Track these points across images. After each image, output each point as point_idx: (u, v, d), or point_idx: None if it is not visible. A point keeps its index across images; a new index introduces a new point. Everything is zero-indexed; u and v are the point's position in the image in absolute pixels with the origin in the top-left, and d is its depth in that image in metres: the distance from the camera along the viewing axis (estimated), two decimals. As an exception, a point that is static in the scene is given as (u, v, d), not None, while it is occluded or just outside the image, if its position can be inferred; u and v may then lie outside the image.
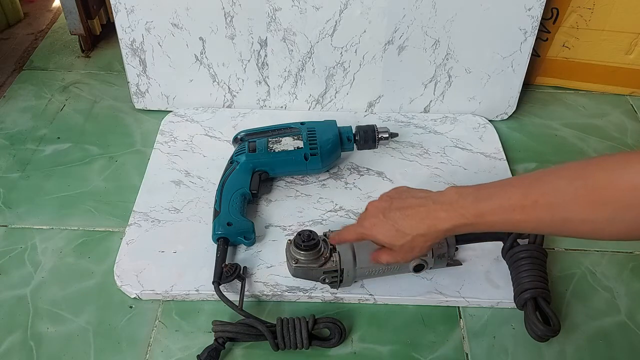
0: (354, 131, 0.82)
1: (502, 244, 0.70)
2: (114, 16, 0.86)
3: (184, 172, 0.83)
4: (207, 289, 0.67)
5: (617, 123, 0.95)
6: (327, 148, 0.79)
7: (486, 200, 0.52)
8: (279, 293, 0.68)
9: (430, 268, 0.68)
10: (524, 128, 0.94)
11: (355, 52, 0.88)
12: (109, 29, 1.12)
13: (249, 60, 0.90)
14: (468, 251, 0.72)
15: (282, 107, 0.95)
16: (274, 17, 0.85)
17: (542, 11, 0.84)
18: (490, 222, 0.52)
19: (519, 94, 0.93)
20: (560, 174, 0.48)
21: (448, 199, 0.55)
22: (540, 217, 0.49)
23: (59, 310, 0.67)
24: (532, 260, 0.66)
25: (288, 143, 0.79)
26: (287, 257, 0.66)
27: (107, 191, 0.81)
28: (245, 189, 0.75)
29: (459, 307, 0.68)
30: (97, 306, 0.68)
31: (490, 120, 0.93)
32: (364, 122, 0.84)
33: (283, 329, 0.62)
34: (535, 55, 0.96)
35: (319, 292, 0.68)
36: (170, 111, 0.93)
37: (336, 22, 0.85)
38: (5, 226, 0.77)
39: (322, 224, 0.76)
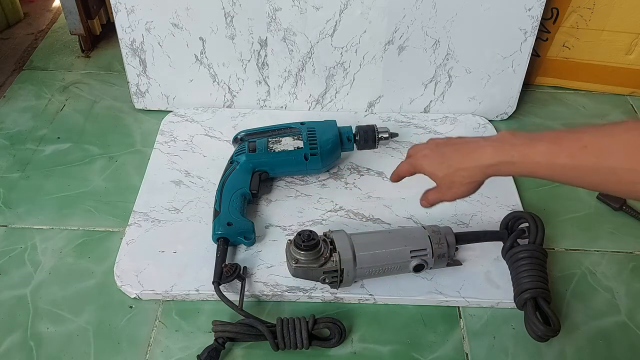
0: (354, 131, 0.82)
1: (502, 244, 0.71)
2: (114, 16, 0.86)
3: (184, 172, 0.83)
4: (207, 289, 0.67)
5: (617, 123, 0.95)
6: (327, 148, 0.79)
7: (538, 142, 0.51)
8: (279, 293, 0.68)
9: (430, 268, 0.68)
10: (524, 128, 0.94)
11: (356, 52, 0.88)
12: (109, 29, 1.12)
13: (249, 60, 0.90)
14: (468, 251, 0.72)
15: (282, 107, 0.95)
16: (274, 17, 0.85)
17: (542, 11, 0.84)
18: (534, 164, 0.51)
19: (519, 94, 0.93)
20: (615, 125, 0.48)
21: (501, 137, 0.55)
22: (586, 163, 0.48)
23: (59, 310, 0.67)
24: (532, 261, 0.66)
25: (288, 143, 0.79)
26: (287, 257, 0.66)
27: (107, 191, 0.81)
28: (245, 189, 0.75)
29: (459, 307, 0.68)
30: (97, 306, 0.68)
31: (490, 121, 0.94)
32: (364, 122, 0.84)
33: (283, 329, 0.62)
34: (535, 55, 0.96)
35: (319, 292, 0.68)
36: (170, 111, 0.93)
37: (336, 22, 0.85)
38: (5, 226, 0.77)
39: (322, 224, 0.76)
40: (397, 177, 0.67)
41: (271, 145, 0.78)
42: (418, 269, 0.66)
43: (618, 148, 0.46)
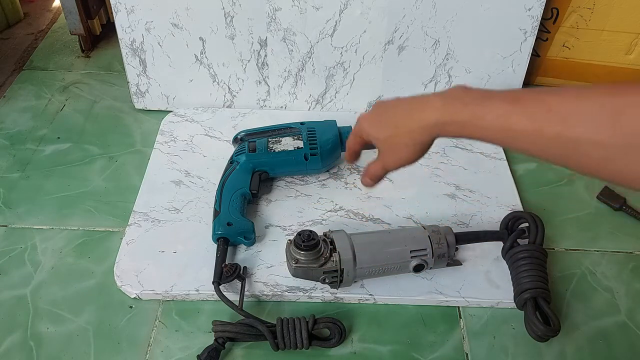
0: (354, 131, 0.82)
1: (502, 244, 0.71)
2: (114, 16, 0.86)
3: (184, 172, 0.83)
4: (207, 289, 0.67)
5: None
6: (327, 148, 0.79)
7: (493, 100, 0.44)
8: (279, 293, 0.68)
9: (430, 268, 0.68)
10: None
11: (355, 52, 0.88)
12: (109, 29, 1.12)
13: (249, 60, 0.90)
14: (468, 251, 0.72)
15: (282, 107, 0.95)
16: (274, 17, 0.85)
17: (542, 11, 0.84)
18: (485, 127, 0.44)
19: (519, 94, 0.93)
20: (588, 89, 0.40)
21: (452, 92, 0.48)
22: (548, 130, 0.40)
23: (59, 310, 0.67)
24: (532, 261, 0.66)
25: (288, 143, 0.79)
26: (287, 257, 0.66)
27: (107, 191, 0.81)
28: (245, 189, 0.75)
29: (459, 307, 0.68)
30: (97, 306, 0.68)
31: (490, 120, 0.93)
32: (364, 122, 0.84)
33: (283, 329, 0.62)
34: (535, 55, 0.96)
35: (319, 292, 0.68)
36: (170, 111, 0.93)
37: (336, 22, 0.85)
38: (5, 226, 0.77)
39: (322, 224, 0.76)
40: (349, 153, 0.61)
41: (271, 145, 0.78)
42: (418, 269, 0.66)
43: (588, 115, 0.38)
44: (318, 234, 0.65)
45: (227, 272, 0.66)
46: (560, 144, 0.40)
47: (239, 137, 0.82)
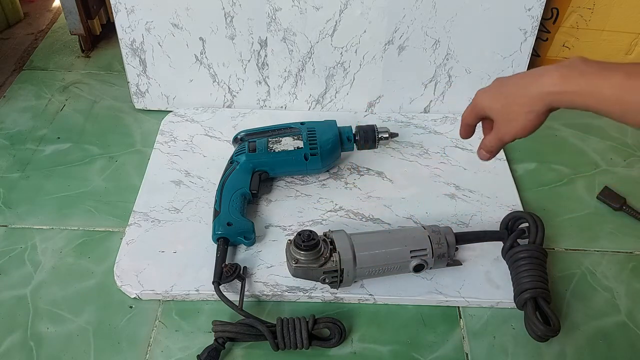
0: (354, 131, 0.82)
1: (502, 244, 0.71)
2: (114, 16, 0.86)
3: (184, 172, 0.83)
4: (207, 289, 0.67)
5: (617, 123, 0.95)
6: (327, 148, 0.79)
7: (612, 72, 0.45)
8: (279, 293, 0.68)
9: (430, 268, 0.68)
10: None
11: (355, 52, 0.88)
12: (109, 29, 1.12)
13: (249, 60, 0.90)
14: (468, 251, 0.72)
15: (282, 107, 0.95)
16: (274, 17, 0.85)
17: (542, 11, 0.84)
18: (603, 98, 0.46)
19: (519, 94, 0.93)
20: None
21: (571, 62, 0.49)
22: None
23: (59, 310, 0.67)
24: (532, 261, 0.66)
25: (288, 143, 0.79)
26: (287, 257, 0.66)
27: (107, 191, 0.81)
28: (245, 189, 0.75)
29: (459, 307, 0.68)
30: (97, 306, 0.68)
31: (490, 120, 0.93)
32: (364, 122, 0.84)
33: (283, 329, 0.62)
34: (535, 55, 0.96)
35: (319, 292, 0.68)
36: (170, 111, 0.93)
37: (336, 22, 0.85)
38: (5, 226, 0.77)
39: (322, 224, 0.76)
40: (464, 128, 0.61)
41: (271, 145, 0.78)
42: (418, 269, 0.66)
43: None
44: (318, 234, 0.65)
45: (227, 272, 0.66)
46: None
47: (239, 137, 0.82)
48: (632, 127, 0.46)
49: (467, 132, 0.62)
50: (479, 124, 0.62)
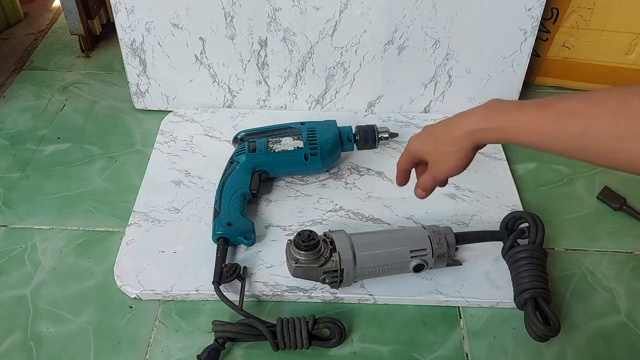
0: (354, 131, 0.82)
1: (502, 244, 0.71)
2: (114, 16, 0.86)
3: (184, 172, 0.83)
4: (207, 289, 0.67)
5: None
6: (327, 148, 0.79)
7: (526, 107, 0.51)
8: (279, 293, 0.68)
9: (430, 268, 0.68)
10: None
11: (355, 52, 0.88)
12: (109, 29, 1.12)
13: (249, 60, 0.90)
14: (468, 251, 0.72)
15: (282, 107, 0.95)
16: (274, 17, 0.85)
17: (542, 11, 0.84)
18: (521, 130, 0.51)
19: (519, 94, 0.93)
20: (605, 91, 0.47)
21: (489, 103, 0.55)
22: (573, 129, 0.46)
23: (59, 310, 0.67)
24: (532, 261, 0.66)
25: (288, 143, 0.79)
26: (287, 257, 0.66)
27: (107, 191, 0.81)
28: (245, 189, 0.75)
29: (459, 307, 0.68)
30: (97, 306, 0.68)
31: (490, 120, 0.93)
32: (364, 122, 0.84)
33: (283, 329, 0.62)
34: (535, 55, 0.96)
35: (319, 292, 0.68)
36: (170, 111, 0.93)
37: (336, 22, 0.85)
38: (5, 226, 0.77)
39: (322, 224, 0.76)
40: (400, 174, 0.66)
41: (271, 145, 0.78)
42: (418, 269, 0.66)
43: (606, 113, 0.45)
44: (318, 234, 0.65)
45: (227, 272, 0.66)
46: (584, 140, 0.46)
47: (239, 137, 0.82)
48: (554, 154, 0.50)
49: (403, 178, 0.67)
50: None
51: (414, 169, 0.66)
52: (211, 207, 0.75)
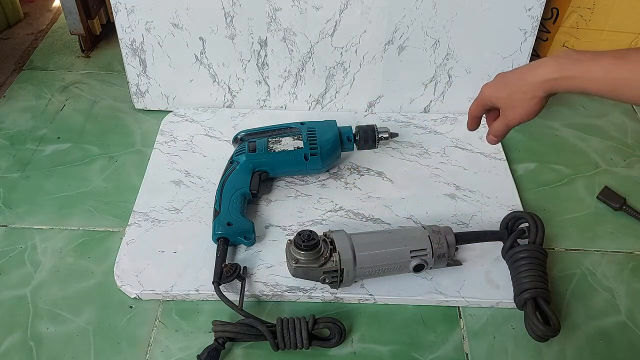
0: (354, 131, 0.82)
1: (502, 244, 0.71)
2: (114, 16, 0.86)
3: (184, 172, 0.83)
4: (207, 289, 0.67)
5: (618, 123, 0.95)
6: (327, 148, 0.79)
7: (602, 56, 0.53)
8: (279, 293, 0.68)
9: (430, 268, 0.68)
10: (524, 128, 0.94)
11: (355, 52, 0.88)
12: (109, 29, 1.12)
13: (249, 60, 0.90)
14: (468, 251, 0.72)
15: (282, 107, 0.95)
16: (274, 17, 0.85)
17: (542, 11, 0.84)
18: (596, 79, 0.53)
19: (519, 94, 0.93)
20: None
21: (565, 53, 0.57)
22: None
23: (59, 310, 0.67)
24: (532, 261, 0.66)
25: (288, 143, 0.79)
26: (287, 257, 0.66)
27: (107, 191, 0.81)
28: (245, 189, 0.75)
29: (459, 307, 0.68)
30: (97, 306, 0.68)
31: (490, 120, 0.93)
32: (364, 122, 0.84)
33: (283, 329, 0.62)
34: (535, 55, 0.96)
35: (319, 292, 0.68)
36: (170, 111, 0.93)
37: (336, 22, 0.85)
38: (5, 226, 0.77)
39: (322, 224, 0.76)
40: (472, 120, 0.69)
41: (271, 145, 0.78)
42: (418, 269, 0.66)
43: None
44: (318, 234, 0.65)
45: (227, 272, 0.66)
46: None
47: (239, 137, 0.82)
48: (621, 102, 0.54)
49: (474, 124, 0.70)
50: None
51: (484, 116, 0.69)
52: (211, 207, 0.75)
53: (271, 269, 0.70)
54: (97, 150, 0.88)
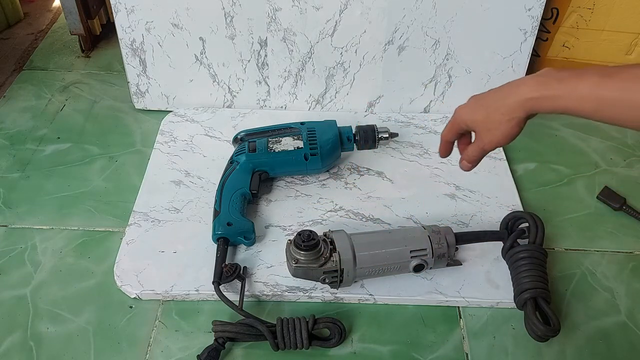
0: (354, 131, 0.82)
1: (502, 244, 0.71)
2: (114, 16, 0.86)
3: (184, 172, 0.83)
4: (207, 289, 0.67)
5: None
6: (327, 148, 0.79)
7: (586, 74, 0.50)
8: (279, 293, 0.68)
9: (430, 268, 0.68)
10: (524, 128, 0.93)
11: (355, 52, 0.88)
12: (109, 29, 1.12)
13: (249, 61, 0.90)
14: (468, 251, 0.72)
15: (282, 107, 0.95)
16: (274, 17, 0.85)
17: (542, 11, 0.84)
18: (580, 98, 0.50)
19: (519, 94, 0.93)
20: None
21: (546, 72, 0.53)
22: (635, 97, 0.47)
23: (59, 310, 0.67)
24: (532, 261, 0.66)
25: (288, 143, 0.79)
26: (287, 257, 0.66)
27: (107, 191, 0.81)
28: (245, 189, 0.75)
29: (459, 307, 0.68)
30: (97, 306, 0.68)
31: (490, 120, 0.93)
32: (364, 122, 0.84)
33: (283, 329, 0.62)
34: (535, 55, 0.96)
35: (319, 292, 0.68)
36: (170, 111, 0.93)
37: (336, 22, 0.85)
38: (5, 226, 0.77)
39: (322, 224, 0.76)
40: (444, 145, 0.64)
41: (271, 145, 0.78)
42: (418, 269, 0.66)
43: None
44: (318, 234, 0.65)
45: (227, 272, 0.66)
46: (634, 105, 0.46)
47: (239, 137, 0.82)
48: (603, 122, 0.50)
49: (446, 149, 0.65)
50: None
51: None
52: (211, 207, 0.75)
53: (271, 269, 0.70)
54: (97, 150, 0.88)
